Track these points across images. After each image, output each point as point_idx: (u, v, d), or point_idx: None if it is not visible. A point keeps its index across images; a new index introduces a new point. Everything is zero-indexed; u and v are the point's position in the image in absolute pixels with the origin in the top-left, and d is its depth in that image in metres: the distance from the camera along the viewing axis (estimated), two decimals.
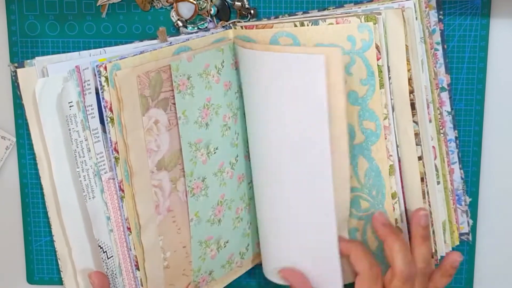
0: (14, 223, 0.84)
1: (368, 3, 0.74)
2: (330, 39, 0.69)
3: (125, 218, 0.67)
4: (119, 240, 0.68)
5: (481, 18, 0.77)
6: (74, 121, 0.67)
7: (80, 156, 0.68)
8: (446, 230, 0.76)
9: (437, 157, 0.75)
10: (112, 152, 0.65)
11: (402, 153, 0.71)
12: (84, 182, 0.68)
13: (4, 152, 0.82)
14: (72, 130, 0.67)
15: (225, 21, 0.77)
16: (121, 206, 0.67)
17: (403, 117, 0.70)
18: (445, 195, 0.76)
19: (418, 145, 0.71)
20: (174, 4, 0.77)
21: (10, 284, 0.85)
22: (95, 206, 0.68)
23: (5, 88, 0.81)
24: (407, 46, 0.69)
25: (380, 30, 0.68)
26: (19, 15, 0.78)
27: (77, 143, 0.68)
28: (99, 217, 0.68)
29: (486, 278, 0.84)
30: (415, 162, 0.71)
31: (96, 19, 0.78)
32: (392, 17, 0.69)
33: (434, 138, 0.75)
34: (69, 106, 0.67)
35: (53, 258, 0.84)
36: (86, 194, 0.68)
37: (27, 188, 0.82)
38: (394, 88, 0.70)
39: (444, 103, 0.77)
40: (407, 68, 0.69)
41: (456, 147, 0.78)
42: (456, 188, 0.79)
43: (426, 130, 0.73)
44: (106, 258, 0.69)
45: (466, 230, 0.80)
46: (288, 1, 0.77)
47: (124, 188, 0.66)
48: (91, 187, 0.68)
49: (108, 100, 0.65)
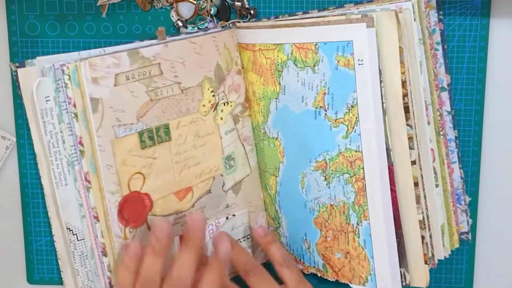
0: (14, 223, 0.84)
1: (367, 4, 0.74)
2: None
3: (91, 207, 0.71)
4: (91, 227, 0.73)
5: (481, 18, 0.77)
6: (50, 114, 0.71)
7: (54, 146, 0.72)
8: (445, 233, 0.76)
9: (436, 159, 0.74)
10: (77, 146, 0.70)
11: (394, 157, 0.70)
12: (56, 170, 0.73)
13: (4, 152, 0.82)
14: (47, 122, 0.71)
15: (225, 21, 0.77)
16: (88, 196, 0.71)
17: (397, 121, 0.70)
18: (444, 198, 0.76)
19: (411, 149, 0.70)
20: (174, 4, 0.77)
21: (10, 284, 0.85)
22: (66, 193, 0.73)
23: (5, 88, 0.81)
24: (401, 49, 0.68)
25: (371, 34, 0.68)
26: (19, 15, 0.78)
27: (51, 134, 0.72)
28: (69, 202, 0.73)
29: (486, 278, 0.84)
30: (408, 166, 0.70)
31: (96, 19, 0.78)
32: (385, 19, 0.68)
33: (433, 140, 0.74)
34: (46, 101, 0.71)
35: (53, 258, 0.84)
36: (58, 181, 0.73)
37: (27, 188, 0.82)
38: (387, 92, 0.69)
39: (444, 103, 0.77)
40: (401, 70, 0.68)
41: (456, 146, 0.78)
42: (456, 187, 0.79)
43: (424, 133, 0.73)
44: (76, 240, 0.74)
45: (466, 229, 0.80)
46: (288, 1, 0.77)
47: (91, 179, 0.70)
48: (64, 175, 0.73)
49: (72, 97, 0.69)
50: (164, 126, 0.73)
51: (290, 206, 0.78)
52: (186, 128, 0.74)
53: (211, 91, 0.75)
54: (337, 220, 0.75)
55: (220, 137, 0.77)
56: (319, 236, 0.77)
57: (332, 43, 0.70)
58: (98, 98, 0.69)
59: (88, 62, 0.69)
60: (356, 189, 0.72)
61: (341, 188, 0.73)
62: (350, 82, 0.70)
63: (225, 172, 0.78)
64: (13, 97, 0.80)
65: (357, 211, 0.73)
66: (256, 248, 0.81)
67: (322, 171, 0.74)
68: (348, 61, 0.69)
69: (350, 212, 0.73)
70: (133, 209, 0.72)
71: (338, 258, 0.76)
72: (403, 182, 0.71)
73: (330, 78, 0.71)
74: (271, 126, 0.77)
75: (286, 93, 0.75)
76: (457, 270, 0.83)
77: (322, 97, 0.72)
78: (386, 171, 0.70)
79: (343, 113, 0.71)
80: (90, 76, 0.69)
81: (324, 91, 0.72)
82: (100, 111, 0.69)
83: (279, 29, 0.73)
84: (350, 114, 0.71)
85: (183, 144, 0.74)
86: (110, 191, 0.71)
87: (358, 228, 0.74)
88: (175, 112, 0.73)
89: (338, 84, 0.71)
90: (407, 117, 0.69)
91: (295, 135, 0.75)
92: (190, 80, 0.74)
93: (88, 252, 0.74)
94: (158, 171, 0.73)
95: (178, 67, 0.73)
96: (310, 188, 0.76)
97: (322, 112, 0.72)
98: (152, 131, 0.72)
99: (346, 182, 0.73)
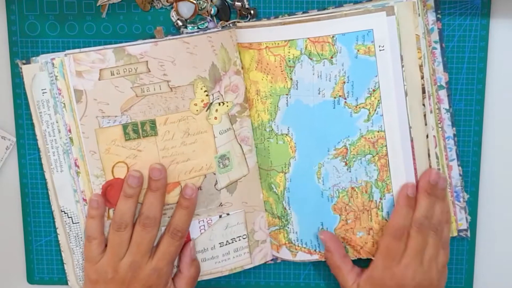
0: (14, 223, 0.84)
1: (367, 2, 0.75)
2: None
3: (81, 191, 0.77)
4: (82, 209, 0.78)
5: (480, 18, 0.77)
6: (46, 105, 0.76)
7: (50, 135, 0.77)
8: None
9: (437, 146, 0.78)
10: (68, 133, 0.76)
11: (413, 132, 0.76)
12: (53, 157, 0.78)
13: (4, 152, 0.82)
14: (44, 113, 0.77)
15: (225, 21, 0.78)
16: (78, 180, 0.77)
17: (415, 100, 0.76)
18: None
19: (426, 125, 0.76)
20: (174, 4, 0.77)
21: (10, 284, 0.85)
22: (62, 179, 0.78)
23: (5, 89, 0.81)
24: (417, 36, 0.74)
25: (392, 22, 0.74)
26: (19, 15, 0.78)
27: (48, 124, 0.77)
28: (65, 188, 0.78)
29: (486, 278, 0.84)
30: (423, 139, 0.76)
31: (96, 19, 0.78)
32: (404, 9, 0.73)
33: (435, 128, 0.77)
34: (42, 93, 0.76)
35: (53, 258, 0.84)
36: (54, 168, 0.78)
37: (27, 188, 0.82)
38: (407, 75, 0.75)
39: (442, 101, 0.78)
40: (418, 56, 0.75)
41: (454, 144, 0.79)
42: (454, 184, 0.79)
43: (428, 118, 0.77)
44: (71, 223, 0.79)
45: (465, 227, 0.81)
46: (288, 1, 0.77)
47: (79, 165, 0.76)
48: (59, 162, 0.78)
49: (61, 88, 0.75)
50: (150, 121, 0.76)
51: (302, 199, 0.80)
52: (175, 125, 0.76)
53: (205, 91, 0.76)
54: (359, 201, 0.79)
55: (213, 136, 0.77)
56: (339, 221, 0.80)
57: (350, 33, 0.75)
58: (82, 90, 0.74)
59: (73, 57, 0.74)
60: (379, 166, 0.78)
61: (363, 169, 0.78)
62: (372, 68, 0.75)
63: (219, 170, 0.78)
64: (13, 97, 0.80)
65: (380, 187, 0.78)
66: (253, 249, 0.82)
67: (343, 157, 0.78)
68: (369, 48, 0.74)
69: (373, 189, 0.78)
70: (116, 193, 0.76)
71: (360, 237, 0.80)
72: (421, 154, 0.77)
73: (349, 67, 0.76)
74: (280, 123, 0.78)
75: (299, 88, 0.77)
76: (457, 270, 0.83)
77: (341, 87, 0.76)
78: (409, 144, 0.76)
79: (364, 98, 0.76)
80: (74, 69, 0.74)
81: (344, 80, 0.76)
82: (84, 102, 0.74)
83: (291, 26, 0.75)
84: (372, 98, 0.76)
85: (170, 140, 0.76)
86: (94, 175, 0.76)
87: (381, 202, 0.79)
88: (162, 109, 0.76)
89: (359, 72, 0.76)
90: (423, 96, 0.76)
91: (309, 128, 0.78)
92: (180, 79, 0.76)
93: (82, 235, 0.79)
94: (143, 163, 0.76)
95: (167, 65, 0.75)
96: (328, 177, 0.79)
97: (341, 101, 0.77)
98: (137, 125, 0.76)
99: (368, 162, 0.78)
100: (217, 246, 0.80)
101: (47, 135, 0.77)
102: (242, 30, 0.77)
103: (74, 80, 0.74)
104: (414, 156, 0.76)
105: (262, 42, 0.76)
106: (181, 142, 0.77)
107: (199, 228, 0.79)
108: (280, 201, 0.81)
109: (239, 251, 0.81)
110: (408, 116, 0.75)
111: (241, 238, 0.81)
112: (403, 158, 0.77)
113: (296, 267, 0.84)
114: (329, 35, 0.75)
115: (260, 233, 0.82)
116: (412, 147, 0.76)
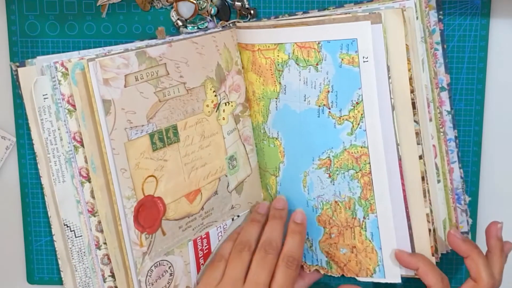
0: (14, 223, 0.84)
1: (368, 3, 0.75)
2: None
3: (85, 202, 0.72)
4: (87, 221, 0.73)
5: (481, 18, 0.77)
6: (48, 112, 0.72)
7: (52, 143, 0.73)
8: (446, 228, 0.76)
9: (437, 155, 0.75)
10: (72, 141, 0.71)
11: (402, 152, 0.71)
12: (54, 167, 0.73)
13: (4, 152, 0.82)
14: (45, 120, 0.72)
15: (225, 21, 0.78)
16: (82, 190, 0.72)
17: (404, 116, 0.71)
18: (445, 194, 0.76)
19: (419, 144, 0.71)
20: (174, 4, 0.77)
21: (10, 284, 0.85)
22: (64, 190, 0.73)
23: (5, 88, 0.81)
24: (407, 46, 0.69)
25: (378, 31, 0.69)
26: (19, 15, 0.78)
27: (49, 131, 0.72)
28: (67, 199, 0.73)
29: None
30: (416, 161, 0.71)
31: (96, 19, 0.78)
32: (392, 17, 0.69)
33: (434, 137, 0.75)
34: (44, 98, 0.71)
35: (53, 258, 0.84)
36: (56, 178, 0.73)
37: (27, 188, 0.82)
38: (394, 88, 0.70)
39: (444, 102, 0.77)
40: (408, 67, 0.70)
41: (456, 146, 0.78)
42: (455, 187, 0.79)
43: (427, 129, 0.73)
44: (73, 237, 0.74)
45: (466, 229, 0.80)
46: (288, 1, 0.77)
47: (93, 178, 0.70)
48: (61, 172, 0.73)
49: (65, 94, 0.70)
50: (172, 127, 0.72)
51: (291, 205, 0.78)
52: (193, 128, 0.74)
53: (213, 91, 0.75)
54: (342, 216, 0.76)
55: (223, 137, 0.76)
56: (323, 233, 0.77)
57: (335, 41, 0.70)
58: (110, 100, 0.67)
59: (99, 63, 0.66)
60: (362, 183, 0.73)
61: (347, 184, 0.74)
62: (355, 79, 0.71)
63: (229, 172, 0.77)
64: (13, 97, 0.80)
65: (364, 205, 0.74)
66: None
67: (326, 168, 0.75)
68: (353, 58, 0.70)
69: (356, 207, 0.74)
70: (148, 214, 0.70)
71: (343, 254, 0.77)
72: (411, 176, 0.72)
73: (333, 76, 0.72)
74: (271, 126, 0.77)
75: (287, 93, 0.75)
76: (457, 270, 0.83)
77: (325, 95, 0.73)
78: (396, 164, 0.72)
79: (347, 110, 0.72)
80: (101, 77, 0.67)
81: (328, 89, 0.72)
82: (113, 113, 0.67)
83: (279, 29, 0.73)
84: (355, 111, 0.72)
85: (190, 145, 0.74)
86: (126, 196, 0.69)
87: (364, 221, 0.75)
88: (182, 113, 0.73)
89: (343, 82, 0.72)
90: (413, 112, 0.71)
91: (296, 135, 0.76)
92: (194, 80, 0.74)
93: (85, 249, 0.75)
94: (169, 174, 0.72)
95: (182, 67, 0.73)
96: (313, 187, 0.76)
97: (325, 110, 0.73)
98: (162, 133, 0.71)
99: (351, 178, 0.74)
100: None
101: (48, 144, 0.73)
102: (240, 30, 0.76)
103: (102, 89, 0.66)
104: (403, 177, 0.72)
105: (255, 44, 0.75)
106: (199, 146, 0.74)
107: (217, 236, 0.78)
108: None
109: None
110: (396, 133, 0.71)
111: None
112: (388, 179, 0.72)
113: None
114: (315, 41, 0.72)
115: None
116: (400, 166, 0.72)
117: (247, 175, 0.79)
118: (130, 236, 0.69)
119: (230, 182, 0.77)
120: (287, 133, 0.76)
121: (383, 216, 0.74)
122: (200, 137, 0.74)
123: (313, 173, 0.76)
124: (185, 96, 0.73)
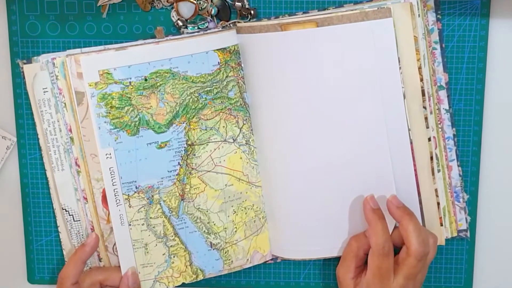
0: (15, 223, 0.84)
1: (367, 3, 0.75)
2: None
3: (81, 189, 0.78)
4: (83, 207, 0.79)
5: (480, 18, 0.77)
6: (48, 104, 0.77)
7: (51, 134, 0.78)
8: (446, 216, 0.79)
9: (437, 147, 0.77)
10: (68, 133, 0.76)
11: (413, 135, 0.75)
12: (54, 156, 0.78)
13: (5, 152, 0.82)
14: (45, 112, 0.77)
15: (226, 21, 0.78)
16: (78, 179, 0.78)
17: (414, 103, 0.75)
18: (444, 185, 0.79)
19: (427, 128, 0.76)
20: (174, 4, 0.77)
21: (11, 283, 0.85)
22: (63, 177, 0.78)
23: (6, 88, 0.81)
24: (415, 37, 0.73)
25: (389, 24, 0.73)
26: (20, 15, 0.78)
27: (49, 123, 0.77)
28: (66, 186, 0.79)
29: (486, 278, 0.84)
30: (425, 143, 0.76)
31: (97, 19, 0.78)
32: (400, 10, 0.72)
33: (434, 129, 0.77)
34: (44, 92, 0.76)
35: (53, 257, 0.84)
36: (55, 166, 0.78)
37: (27, 188, 0.82)
38: (404, 77, 0.74)
39: (442, 101, 0.78)
40: (417, 57, 0.74)
41: (454, 144, 0.79)
42: (454, 185, 0.79)
43: (428, 119, 0.77)
44: (72, 220, 0.79)
45: (465, 227, 0.81)
46: (288, 1, 0.78)
47: (80, 165, 0.77)
48: (60, 160, 0.78)
49: (61, 88, 0.75)
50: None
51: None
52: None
53: None
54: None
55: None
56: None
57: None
58: (83, 92, 0.74)
59: (74, 58, 0.74)
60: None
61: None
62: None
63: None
64: (13, 97, 0.80)
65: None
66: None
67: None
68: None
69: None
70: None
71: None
72: (421, 156, 0.76)
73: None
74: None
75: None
76: (457, 270, 0.83)
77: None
78: (408, 147, 0.76)
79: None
80: (75, 71, 0.74)
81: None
82: (85, 104, 0.75)
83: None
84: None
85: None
86: (95, 178, 0.77)
87: None
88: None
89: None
90: (422, 99, 0.75)
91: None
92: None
93: (83, 232, 0.79)
94: None
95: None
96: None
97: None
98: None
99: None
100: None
101: (48, 134, 0.77)
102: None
103: (75, 82, 0.74)
104: (414, 158, 0.76)
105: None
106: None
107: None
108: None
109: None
110: (407, 119, 0.75)
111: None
112: (401, 160, 0.76)
113: (296, 267, 0.84)
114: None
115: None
116: (412, 150, 0.76)
117: None
118: (98, 213, 0.78)
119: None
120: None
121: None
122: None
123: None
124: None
